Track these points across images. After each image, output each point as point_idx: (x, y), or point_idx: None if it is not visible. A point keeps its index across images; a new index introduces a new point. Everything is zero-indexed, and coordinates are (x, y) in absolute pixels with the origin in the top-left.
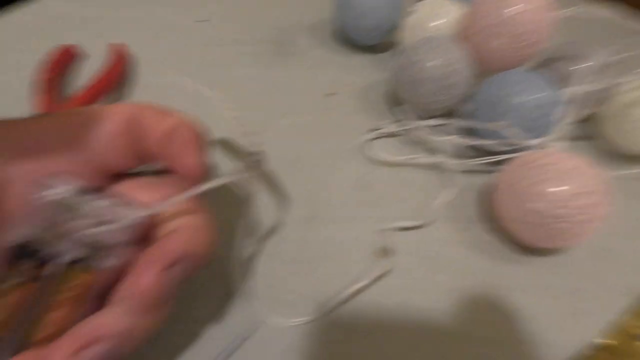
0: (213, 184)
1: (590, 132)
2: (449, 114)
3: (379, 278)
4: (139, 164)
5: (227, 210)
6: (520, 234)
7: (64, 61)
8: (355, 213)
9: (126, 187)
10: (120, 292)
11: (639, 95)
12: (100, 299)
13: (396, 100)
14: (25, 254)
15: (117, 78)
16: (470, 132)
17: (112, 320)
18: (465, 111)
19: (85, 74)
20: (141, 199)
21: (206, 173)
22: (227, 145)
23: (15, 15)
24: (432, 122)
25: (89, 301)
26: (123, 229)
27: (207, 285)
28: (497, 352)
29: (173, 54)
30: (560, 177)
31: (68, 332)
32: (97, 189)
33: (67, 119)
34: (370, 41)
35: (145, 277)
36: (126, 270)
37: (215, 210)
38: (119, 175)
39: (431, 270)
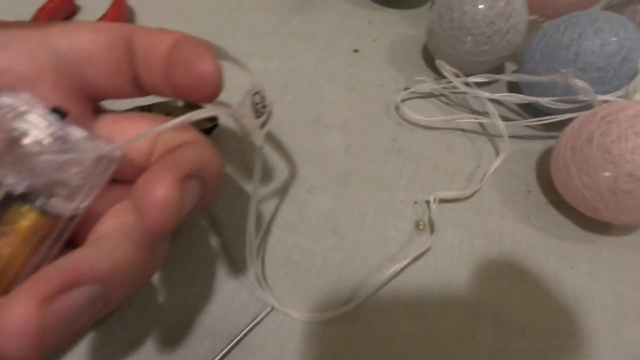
0: (214, 111)
1: None
2: (495, 70)
3: (417, 258)
4: (135, 93)
5: (237, 175)
6: (587, 205)
7: (59, 12)
8: (389, 181)
9: (110, 119)
10: (101, 224)
11: None
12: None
13: (432, 57)
14: None
15: None
16: (523, 88)
17: (97, 256)
18: (522, 62)
19: None
20: (125, 135)
21: (222, 85)
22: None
23: None
24: (477, 78)
25: (46, 249)
26: (91, 165)
27: (215, 262)
28: (551, 343)
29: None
30: None
31: (37, 273)
32: (66, 113)
33: (38, 22)
34: None
35: (161, 187)
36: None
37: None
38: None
39: (477, 249)
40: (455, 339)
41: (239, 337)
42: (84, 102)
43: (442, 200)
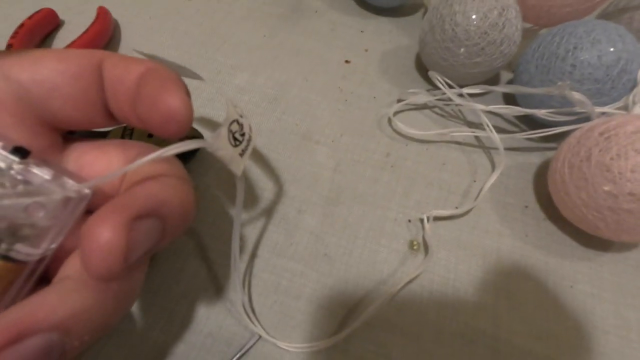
0: (188, 145)
1: None
2: (490, 80)
3: (411, 281)
4: (106, 122)
5: (226, 195)
6: (587, 223)
7: (40, 28)
8: (382, 199)
9: (79, 150)
10: (67, 264)
11: None
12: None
13: (425, 68)
14: None
15: (97, 43)
16: (519, 99)
17: (56, 301)
18: (517, 73)
19: (66, 41)
20: (95, 166)
21: (190, 121)
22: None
23: None
24: (471, 89)
25: (15, 292)
26: (58, 206)
27: (201, 289)
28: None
29: (172, 14)
30: None
31: None
32: (28, 152)
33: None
34: (394, 2)
35: (106, 230)
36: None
37: (208, 196)
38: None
39: (473, 270)
40: None
41: None
42: (50, 134)
43: (437, 218)
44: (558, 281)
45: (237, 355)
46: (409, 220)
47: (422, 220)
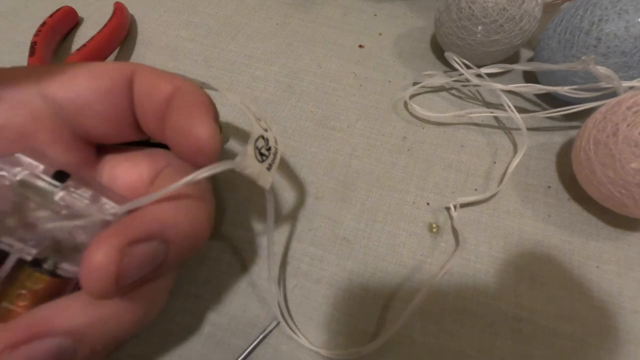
0: (216, 168)
1: None
2: (509, 59)
3: (448, 272)
4: (137, 135)
5: (244, 185)
6: (614, 201)
7: (62, 26)
8: (399, 182)
9: (111, 162)
10: None
11: None
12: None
13: (440, 49)
14: None
15: (115, 38)
16: (540, 77)
17: (70, 312)
18: (538, 50)
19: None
20: (127, 177)
21: (218, 151)
22: (235, 129)
23: None
24: (490, 69)
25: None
26: (97, 227)
27: (225, 275)
28: (577, 351)
29: (186, 7)
30: None
31: (12, 322)
32: (68, 175)
33: (33, 69)
34: None
35: (99, 254)
36: None
37: (229, 186)
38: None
39: (494, 251)
40: (472, 347)
41: (247, 351)
42: (84, 148)
43: (463, 205)
44: (583, 261)
45: (259, 338)
46: (428, 203)
47: (446, 208)
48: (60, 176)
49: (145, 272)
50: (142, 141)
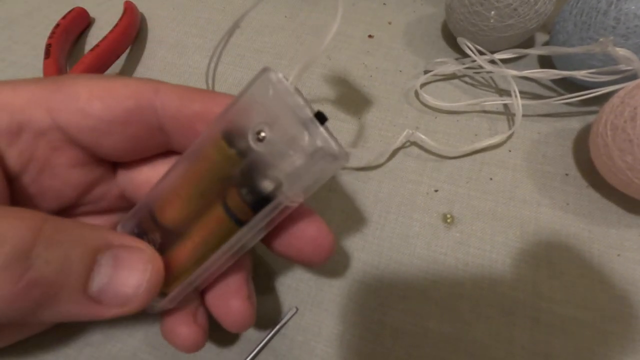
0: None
1: None
2: (523, 44)
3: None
4: (157, 151)
5: None
6: (634, 188)
7: (74, 27)
8: (412, 173)
9: (129, 173)
10: None
11: None
12: None
13: (452, 37)
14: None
15: (127, 37)
16: (556, 62)
17: None
18: (554, 33)
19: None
20: (144, 177)
21: None
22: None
23: None
24: (504, 54)
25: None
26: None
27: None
28: (598, 341)
29: (194, 3)
30: None
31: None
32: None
33: (42, 92)
34: None
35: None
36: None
37: None
38: None
39: (511, 240)
40: (490, 338)
41: (265, 340)
42: (104, 165)
43: (471, 190)
44: (603, 250)
45: (278, 327)
46: (439, 192)
47: (455, 193)
48: (321, 118)
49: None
50: None
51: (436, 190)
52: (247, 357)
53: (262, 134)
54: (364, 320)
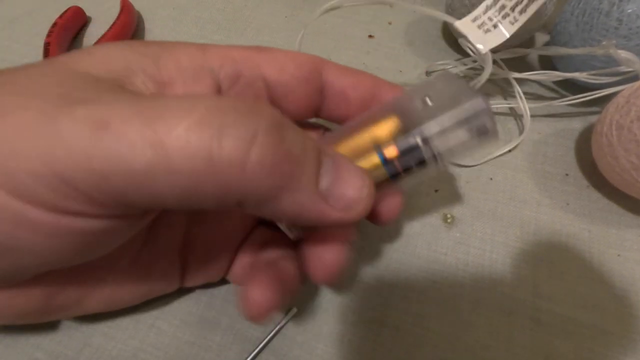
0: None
1: None
2: (524, 44)
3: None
4: (308, 116)
5: None
6: (638, 188)
7: (71, 26)
8: None
9: None
10: None
11: None
12: None
13: (452, 37)
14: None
15: (124, 36)
16: (557, 62)
17: None
18: (555, 34)
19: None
20: None
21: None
22: None
23: None
24: (504, 54)
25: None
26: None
27: None
28: (599, 341)
29: (194, 3)
30: None
31: None
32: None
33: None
34: None
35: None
36: None
37: None
38: None
39: (511, 240)
40: (490, 337)
41: (265, 341)
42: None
43: (472, 190)
44: (603, 250)
45: (278, 327)
46: (438, 192)
47: (455, 192)
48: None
49: None
50: None
51: (436, 190)
52: (247, 357)
53: (428, 101)
54: (364, 320)
